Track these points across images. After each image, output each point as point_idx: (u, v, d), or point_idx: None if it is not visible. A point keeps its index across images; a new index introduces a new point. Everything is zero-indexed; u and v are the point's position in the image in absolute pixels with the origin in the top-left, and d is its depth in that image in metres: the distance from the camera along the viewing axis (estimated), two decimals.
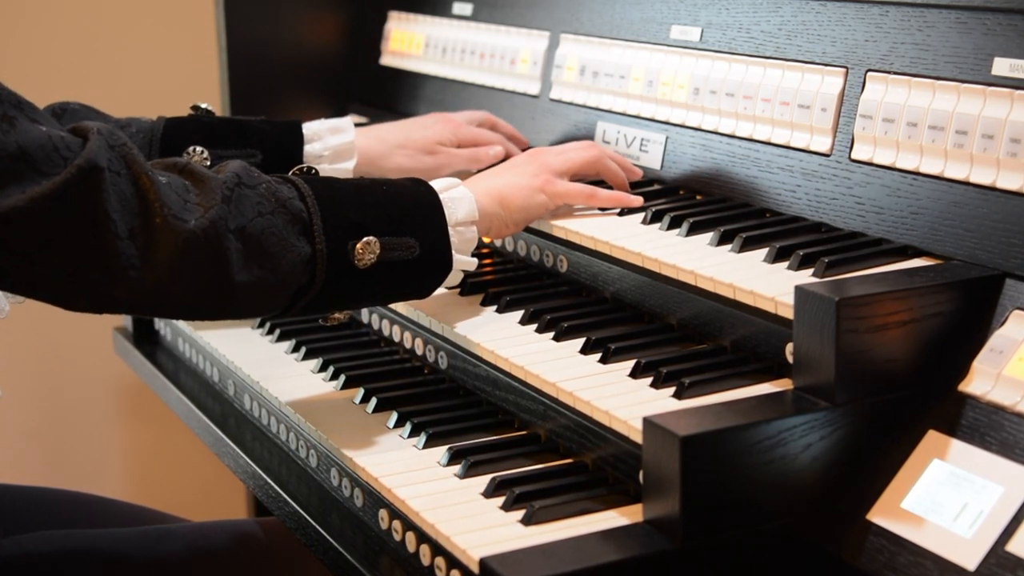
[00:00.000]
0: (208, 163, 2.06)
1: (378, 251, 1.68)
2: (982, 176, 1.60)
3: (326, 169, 2.14)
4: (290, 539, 2.00)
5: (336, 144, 2.18)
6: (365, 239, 1.67)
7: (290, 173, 1.77)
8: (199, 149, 2.07)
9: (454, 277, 1.79)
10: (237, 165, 1.62)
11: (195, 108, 2.18)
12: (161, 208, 1.50)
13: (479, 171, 2.00)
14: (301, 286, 1.65)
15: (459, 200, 1.79)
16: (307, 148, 2.15)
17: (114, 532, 2.01)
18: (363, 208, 1.69)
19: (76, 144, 1.48)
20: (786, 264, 1.69)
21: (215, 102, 2.83)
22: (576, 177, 1.99)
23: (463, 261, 1.78)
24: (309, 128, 2.17)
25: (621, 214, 1.96)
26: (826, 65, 1.83)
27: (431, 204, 1.75)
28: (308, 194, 1.65)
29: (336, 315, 1.85)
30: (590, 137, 2.23)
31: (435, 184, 1.79)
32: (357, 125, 2.26)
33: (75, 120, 2.04)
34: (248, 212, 1.58)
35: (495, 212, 1.86)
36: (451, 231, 1.76)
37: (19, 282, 1.50)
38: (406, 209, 1.73)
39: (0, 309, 1.78)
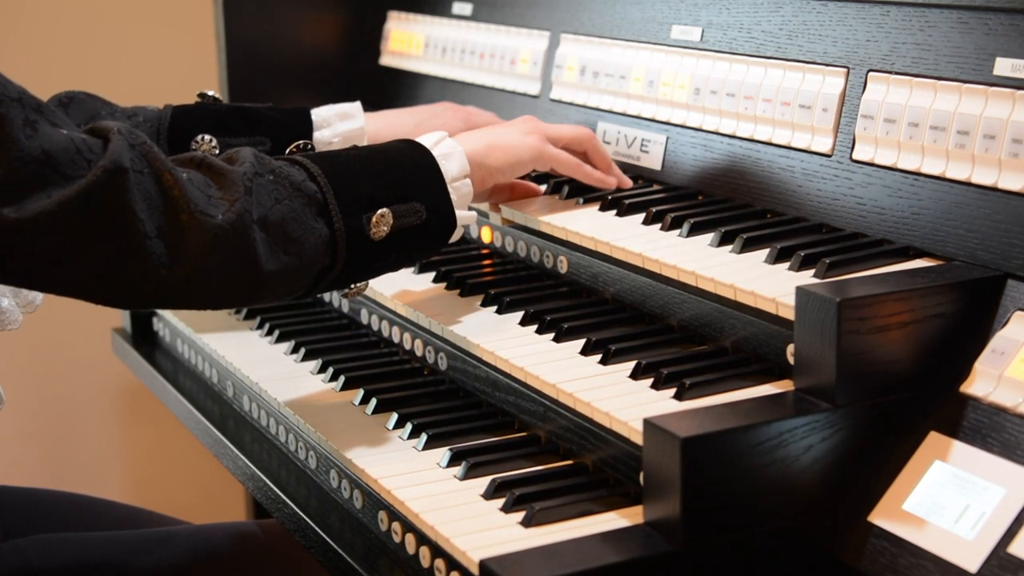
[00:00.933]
0: (217, 151, 2.06)
1: (391, 221, 1.69)
2: (984, 177, 1.60)
3: None
4: (289, 541, 1.99)
5: (345, 130, 2.16)
6: (379, 212, 1.68)
7: (287, 152, 1.78)
8: (207, 138, 2.06)
9: (456, 233, 1.81)
10: (249, 153, 1.62)
11: (202, 96, 2.17)
12: (187, 204, 1.51)
13: None
14: (324, 267, 1.66)
15: (450, 156, 1.80)
16: (316, 135, 2.14)
17: (113, 535, 2.00)
18: (370, 179, 1.70)
19: (97, 146, 1.48)
20: (787, 265, 1.68)
21: None
22: (566, 149, 2.02)
23: (464, 216, 1.80)
24: (318, 114, 2.16)
25: (620, 213, 1.95)
26: (827, 65, 1.83)
27: (429, 165, 1.77)
28: (318, 174, 1.65)
29: (354, 288, 1.84)
30: None
31: (424, 141, 1.80)
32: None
33: (81, 110, 2.04)
34: (267, 200, 1.59)
35: (482, 161, 1.88)
36: (449, 188, 1.77)
37: (50, 284, 1.51)
38: (407, 173, 1.74)
39: (14, 320, 1.78)
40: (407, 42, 2.78)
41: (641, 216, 1.93)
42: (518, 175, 1.97)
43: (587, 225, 1.92)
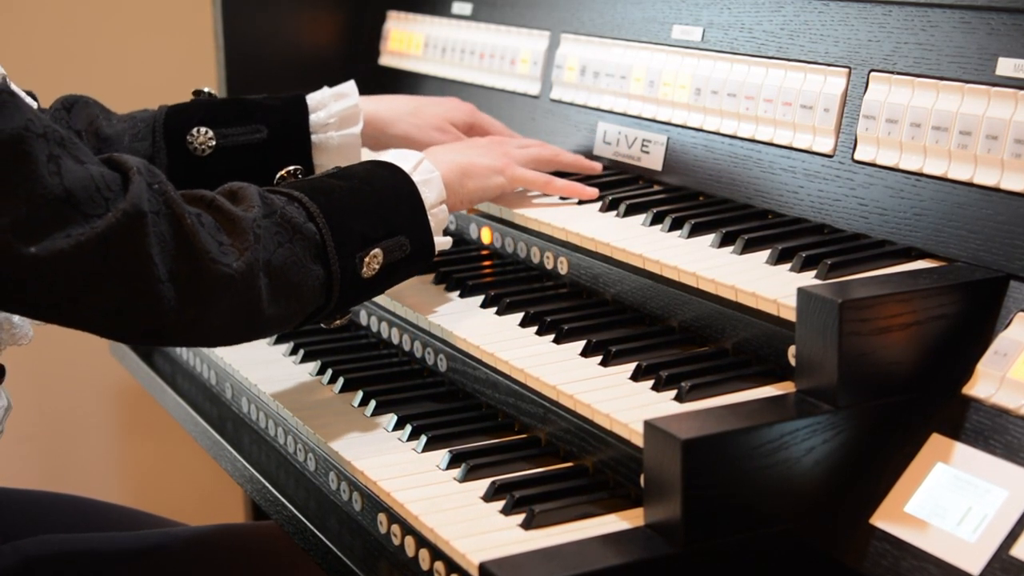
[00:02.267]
0: (213, 143, 2.05)
1: (382, 260, 1.71)
2: (986, 177, 1.59)
3: (333, 136, 2.11)
4: (288, 544, 1.99)
5: (340, 110, 2.14)
6: (372, 252, 1.70)
7: (277, 178, 1.79)
8: (203, 130, 2.05)
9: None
10: (255, 193, 1.63)
11: (197, 93, 2.16)
12: (201, 251, 1.52)
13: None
14: (318, 307, 1.69)
15: (430, 182, 1.81)
16: (312, 118, 2.12)
17: (112, 536, 2.00)
18: (362, 216, 1.70)
19: (116, 183, 1.49)
20: (788, 266, 1.67)
21: None
22: (533, 168, 2.05)
23: (440, 242, 1.81)
24: (313, 98, 2.14)
25: (620, 215, 1.94)
26: (829, 65, 1.82)
27: (411, 194, 1.78)
28: (317, 214, 1.66)
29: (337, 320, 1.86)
30: (591, 138, 2.22)
31: (403, 164, 1.80)
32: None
33: (83, 115, 2.04)
34: (270, 244, 1.60)
35: (457, 189, 1.91)
36: (428, 215, 1.78)
37: (57, 317, 1.53)
38: (393, 206, 1.75)
39: (24, 335, 1.79)
40: (406, 42, 2.77)
41: (642, 217, 1.93)
42: (486, 200, 1.99)
43: (587, 226, 1.91)
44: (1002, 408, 1.43)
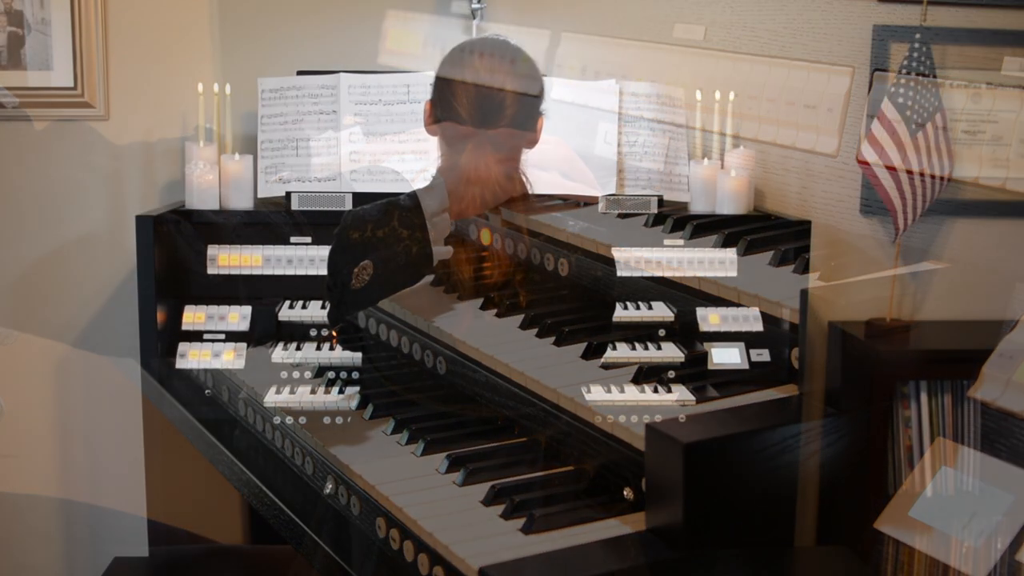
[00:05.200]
0: None
1: (371, 271, 1.67)
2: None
3: None
4: (290, 560, 1.98)
5: None
6: (362, 263, 1.67)
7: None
8: None
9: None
10: None
11: None
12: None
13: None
14: None
15: (433, 190, 1.79)
16: None
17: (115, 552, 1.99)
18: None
19: None
20: (792, 268, 1.66)
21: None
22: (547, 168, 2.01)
23: (440, 252, 1.79)
24: None
25: (623, 215, 1.93)
26: (832, 64, 1.81)
27: (413, 206, 1.75)
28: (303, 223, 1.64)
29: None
30: (591, 138, 2.21)
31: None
32: None
33: None
34: None
35: (461, 194, 1.86)
36: (428, 224, 1.75)
37: None
38: (392, 215, 1.71)
39: (9, 334, 1.78)
40: (405, 41, 2.76)
41: (643, 218, 1.91)
42: (495, 206, 1.97)
43: (588, 227, 1.90)
44: (1007, 411, 1.42)
